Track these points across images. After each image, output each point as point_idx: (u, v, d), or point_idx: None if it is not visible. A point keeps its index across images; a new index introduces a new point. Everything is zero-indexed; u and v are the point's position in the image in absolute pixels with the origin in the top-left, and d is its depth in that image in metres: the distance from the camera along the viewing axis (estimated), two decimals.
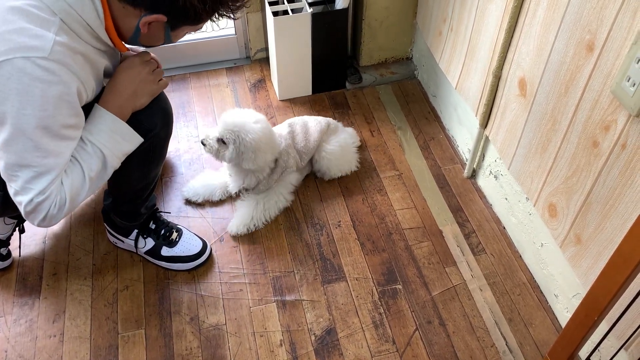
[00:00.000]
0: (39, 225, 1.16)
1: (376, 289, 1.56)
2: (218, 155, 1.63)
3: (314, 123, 1.80)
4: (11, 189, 1.11)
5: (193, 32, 1.25)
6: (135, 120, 1.26)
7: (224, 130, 1.58)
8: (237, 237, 1.68)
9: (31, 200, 1.10)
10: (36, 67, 1.00)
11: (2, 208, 1.32)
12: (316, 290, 1.55)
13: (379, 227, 1.71)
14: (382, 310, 1.52)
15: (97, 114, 1.20)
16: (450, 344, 1.46)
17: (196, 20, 1.14)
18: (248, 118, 1.59)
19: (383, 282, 1.58)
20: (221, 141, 1.60)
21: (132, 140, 1.25)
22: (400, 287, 1.57)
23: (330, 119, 1.87)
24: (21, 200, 1.11)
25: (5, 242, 1.56)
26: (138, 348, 1.43)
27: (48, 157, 1.08)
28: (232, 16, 1.19)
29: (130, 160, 1.32)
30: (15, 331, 1.46)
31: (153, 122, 1.34)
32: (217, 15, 1.16)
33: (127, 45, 1.27)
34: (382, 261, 1.63)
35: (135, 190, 1.46)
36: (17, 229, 1.59)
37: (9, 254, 1.58)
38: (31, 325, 1.47)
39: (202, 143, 1.63)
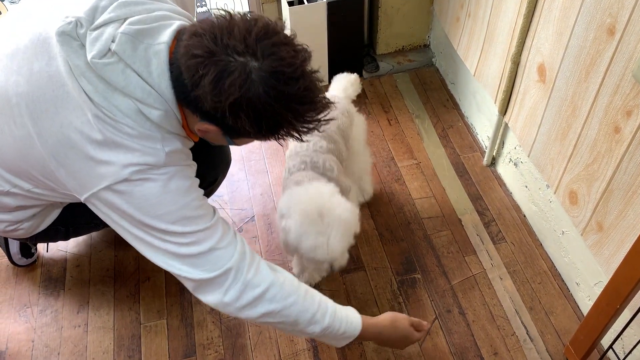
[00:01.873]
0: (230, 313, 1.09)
1: (395, 279, 1.56)
2: None
3: None
4: (190, 284, 1.07)
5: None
6: (200, 176, 1.18)
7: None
8: (255, 228, 1.69)
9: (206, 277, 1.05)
10: (154, 174, 0.98)
11: (62, 238, 1.40)
12: (335, 280, 1.56)
13: (397, 217, 1.71)
14: (401, 300, 1.52)
15: (355, 322, 1.17)
16: (470, 332, 1.45)
17: (255, 138, 1.02)
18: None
19: (402, 271, 1.58)
20: None
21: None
22: (419, 276, 1.57)
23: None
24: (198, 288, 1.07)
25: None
26: (160, 338, 1.46)
27: (196, 239, 1.03)
28: (300, 139, 1.01)
29: None
30: (41, 321, 1.49)
31: (215, 175, 1.40)
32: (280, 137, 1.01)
33: None
34: (401, 251, 1.63)
35: None
36: None
37: (35, 250, 1.61)
38: (56, 316, 1.50)
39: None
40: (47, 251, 1.63)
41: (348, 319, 1.17)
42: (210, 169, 1.32)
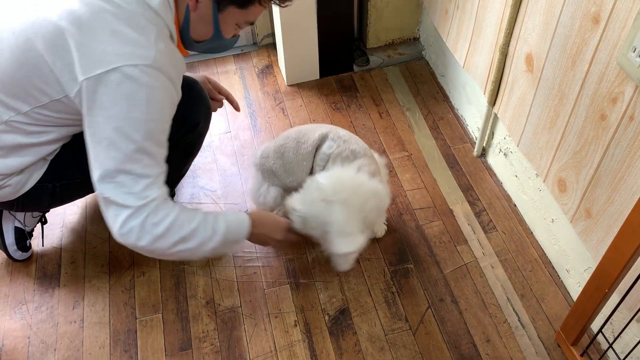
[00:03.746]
0: (125, 242, 1.14)
1: (388, 269, 1.58)
2: None
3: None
4: (108, 193, 1.10)
5: (245, 25, 1.23)
6: (182, 116, 1.28)
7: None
8: None
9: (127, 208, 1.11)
10: (143, 74, 1.04)
11: (49, 200, 1.36)
12: (329, 271, 1.57)
13: (389, 208, 1.72)
14: (395, 290, 1.53)
15: (244, 218, 1.29)
16: (463, 320, 1.47)
17: (240, 4, 1.12)
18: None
19: (395, 261, 1.59)
20: None
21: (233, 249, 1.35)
22: (411, 266, 1.58)
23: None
24: (112, 200, 1.11)
25: (30, 234, 1.60)
26: (156, 332, 1.47)
27: (146, 160, 1.10)
28: (281, 3, 1.18)
29: (173, 153, 1.36)
30: (37, 318, 1.50)
31: (197, 118, 1.41)
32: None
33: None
34: (394, 241, 1.64)
35: (170, 181, 1.49)
36: (39, 220, 1.62)
37: (30, 245, 1.61)
38: (52, 312, 1.51)
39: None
40: (42, 245, 1.64)
41: (237, 218, 1.28)
42: (191, 111, 1.36)
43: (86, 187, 1.32)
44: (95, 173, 1.10)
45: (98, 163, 1.09)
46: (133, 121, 1.06)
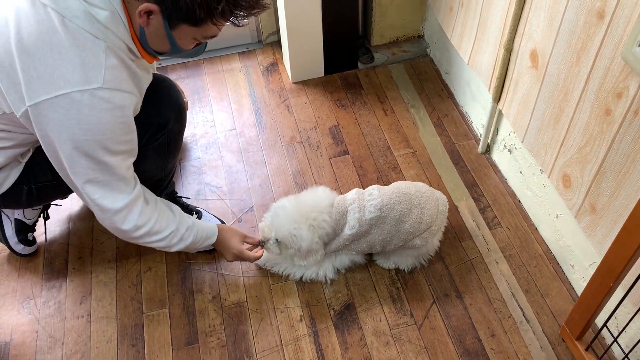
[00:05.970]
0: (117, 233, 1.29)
1: None
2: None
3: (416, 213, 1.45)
4: (88, 203, 1.22)
5: (203, 40, 1.18)
6: (148, 117, 1.29)
7: (276, 232, 1.45)
8: (255, 218, 1.71)
9: (102, 209, 1.21)
10: (93, 97, 1.05)
11: (27, 200, 1.39)
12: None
13: None
14: (400, 285, 1.54)
15: (213, 229, 1.46)
16: (468, 315, 1.48)
17: (192, 17, 1.05)
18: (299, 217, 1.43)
19: None
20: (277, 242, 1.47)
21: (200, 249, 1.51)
22: None
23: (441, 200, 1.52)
24: (94, 209, 1.23)
25: (32, 228, 1.61)
26: (163, 326, 1.48)
27: (109, 169, 1.16)
28: (236, 23, 1.13)
29: (148, 154, 1.37)
30: (44, 313, 1.51)
31: (166, 118, 1.40)
32: (216, 19, 1.07)
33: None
34: None
35: (155, 180, 1.50)
36: (42, 215, 1.64)
37: (34, 239, 1.63)
38: (60, 307, 1.52)
39: (262, 245, 1.51)
40: (46, 241, 1.65)
41: (209, 227, 1.45)
42: (157, 112, 1.36)
43: (62, 189, 1.35)
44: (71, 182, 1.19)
45: (70, 176, 1.16)
46: (87, 142, 1.09)
